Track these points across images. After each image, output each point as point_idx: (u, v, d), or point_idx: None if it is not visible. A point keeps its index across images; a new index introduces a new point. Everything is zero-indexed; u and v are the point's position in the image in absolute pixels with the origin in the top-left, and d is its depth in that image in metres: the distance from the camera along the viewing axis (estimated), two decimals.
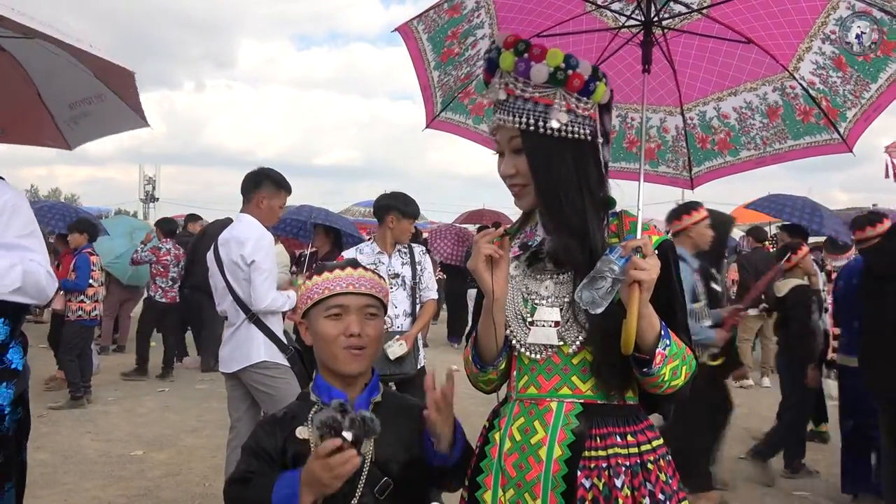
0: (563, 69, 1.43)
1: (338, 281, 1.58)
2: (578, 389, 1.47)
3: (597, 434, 1.44)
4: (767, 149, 2.25)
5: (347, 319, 1.56)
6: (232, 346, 3.42)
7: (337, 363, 1.56)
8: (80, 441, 5.34)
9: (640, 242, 1.36)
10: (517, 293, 1.52)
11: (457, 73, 2.13)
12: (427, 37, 1.99)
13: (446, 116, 2.27)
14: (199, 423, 5.82)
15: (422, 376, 3.81)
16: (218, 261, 3.45)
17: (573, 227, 1.45)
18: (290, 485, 1.42)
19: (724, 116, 2.25)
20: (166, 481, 4.47)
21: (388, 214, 3.87)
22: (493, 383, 1.61)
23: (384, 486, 1.51)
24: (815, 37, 1.92)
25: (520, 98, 1.45)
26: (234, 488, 1.55)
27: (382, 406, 1.60)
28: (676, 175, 2.47)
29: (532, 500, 1.43)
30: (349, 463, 1.33)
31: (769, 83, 2.12)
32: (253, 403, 3.50)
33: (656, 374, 1.39)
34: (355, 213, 12.10)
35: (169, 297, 7.83)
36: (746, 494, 4.48)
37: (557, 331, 1.47)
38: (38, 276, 2.11)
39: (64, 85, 3.08)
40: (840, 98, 2.02)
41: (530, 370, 1.51)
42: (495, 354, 1.53)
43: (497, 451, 1.50)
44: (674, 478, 1.49)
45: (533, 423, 1.47)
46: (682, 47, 2.11)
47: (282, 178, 3.54)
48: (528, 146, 1.46)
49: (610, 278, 1.32)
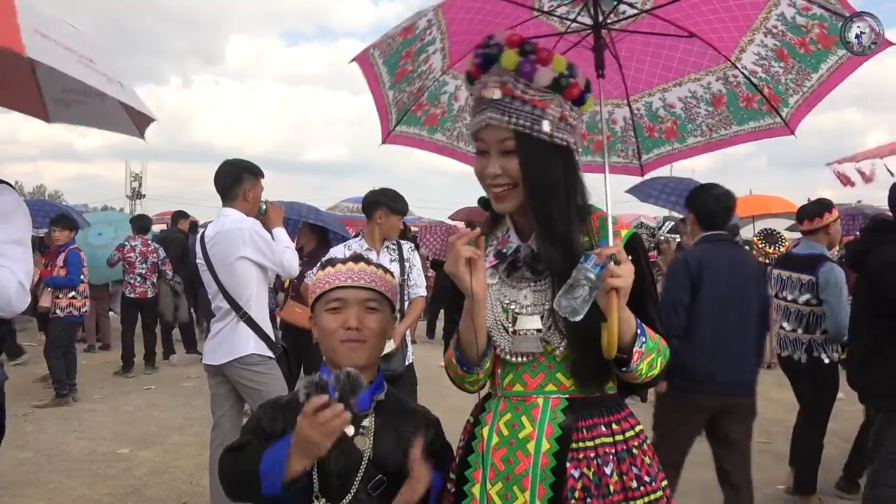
0: (566, 76, 1.45)
1: (338, 275, 1.61)
2: (563, 385, 1.51)
3: (583, 426, 1.48)
4: (713, 135, 2.34)
5: (347, 313, 1.58)
6: (219, 339, 3.40)
7: (336, 356, 1.58)
8: (66, 439, 5.30)
9: (613, 250, 1.37)
10: (496, 302, 1.53)
11: (410, 88, 2.14)
12: (382, 61, 2.00)
13: (401, 130, 2.28)
14: (185, 421, 5.80)
15: (410, 373, 3.81)
16: (206, 259, 3.43)
17: (558, 232, 1.47)
18: (278, 450, 1.42)
19: (670, 106, 2.33)
20: (153, 479, 4.45)
21: (377, 211, 3.87)
22: (480, 383, 1.62)
23: (378, 484, 1.52)
24: (757, 30, 1.99)
25: (517, 99, 1.43)
26: (227, 457, 1.57)
27: (385, 406, 1.61)
28: (627, 163, 2.55)
29: (520, 492, 1.46)
30: (338, 418, 1.33)
31: (712, 73, 2.20)
32: (237, 401, 3.49)
33: (634, 370, 1.45)
34: (343, 210, 12.05)
35: (138, 293, 7.89)
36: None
37: (540, 338, 1.49)
38: (5, 286, 2.02)
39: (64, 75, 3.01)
40: (782, 86, 2.11)
41: (515, 368, 1.53)
42: (479, 356, 1.53)
43: (484, 446, 1.52)
44: (654, 459, 1.56)
45: (520, 419, 1.51)
46: (626, 42, 2.16)
47: (255, 166, 3.56)
48: (521, 148, 1.44)
49: (587, 287, 1.34)
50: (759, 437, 5.60)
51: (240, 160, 3.57)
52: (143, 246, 7.93)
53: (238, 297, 3.35)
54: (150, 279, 7.92)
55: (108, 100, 3.10)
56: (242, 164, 3.53)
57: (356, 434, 1.55)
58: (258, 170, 3.56)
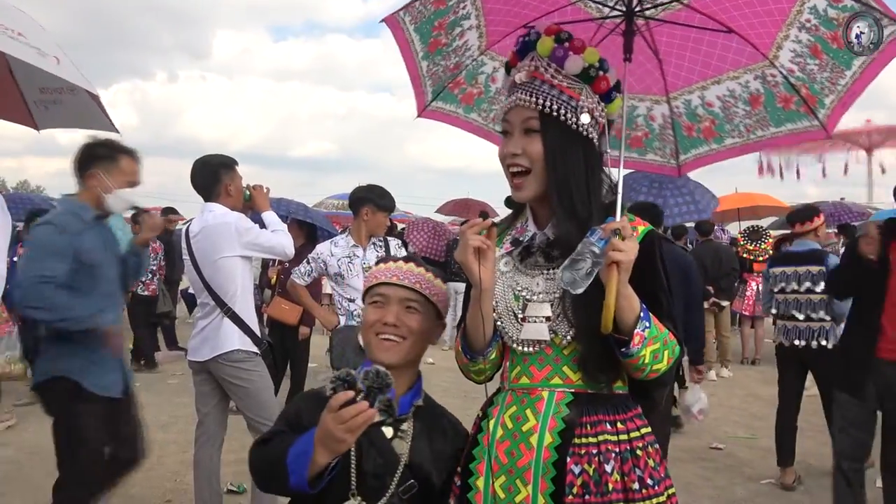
0: (595, 68, 1.48)
1: (385, 271, 1.64)
2: (569, 379, 1.50)
3: (587, 422, 1.47)
4: (751, 136, 2.29)
5: (387, 309, 1.59)
6: (204, 335, 3.37)
7: (371, 349, 1.60)
8: (48, 437, 5.19)
9: (618, 224, 1.38)
10: (508, 289, 1.54)
11: (446, 63, 2.15)
12: (414, 27, 2.01)
13: (437, 106, 2.30)
14: (169, 419, 5.75)
15: None
16: (191, 254, 3.39)
17: (579, 215, 1.48)
18: (305, 442, 1.41)
19: (708, 105, 2.28)
20: (136, 477, 4.36)
21: (363, 207, 3.85)
22: (484, 373, 1.63)
23: (409, 488, 1.52)
24: (791, 25, 1.96)
25: (546, 83, 1.48)
26: (256, 449, 1.57)
27: (422, 413, 1.62)
28: (664, 163, 2.50)
29: (523, 485, 1.46)
30: (361, 415, 1.31)
31: (750, 72, 2.15)
32: (222, 398, 3.46)
33: (635, 355, 1.41)
34: (328, 206, 12.01)
35: (150, 290, 7.87)
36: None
37: (549, 326, 1.49)
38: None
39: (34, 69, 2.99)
40: (818, 85, 2.06)
41: (522, 361, 1.53)
42: (484, 345, 1.55)
43: (489, 439, 1.52)
44: (661, 465, 1.52)
45: (525, 412, 1.50)
46: (665, 37, 2.13)
47: (229, 158, 3.52)
48: (545, 129, 1.47)
49: (590, 259, 1.35)
50: (743, 432, 5.67)
51: (211, 156, 3.51)
52: (152, 242, 7.89)
53: (223, 293, 3.32)
54: (157, 275, 7.94)
55: (79, 94, 3.08)
56: (215, 160, 3.48)
57: (395, 437, 1.54)
58: (232, 161, 3.51)
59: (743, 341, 8.87)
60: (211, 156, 3.52)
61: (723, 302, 7.78)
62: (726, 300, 7.88)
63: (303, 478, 1.39)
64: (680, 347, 1.50)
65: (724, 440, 5.46)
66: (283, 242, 3.47)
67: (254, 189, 3.56)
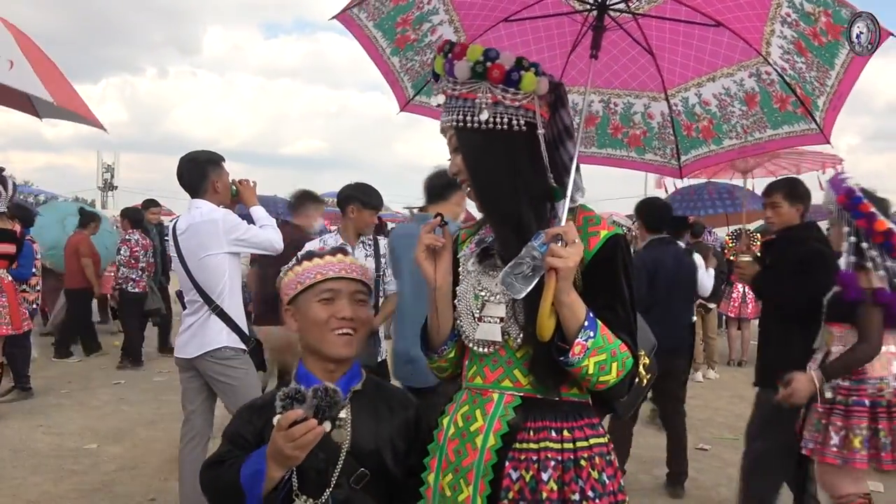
0: (481, 62, 1.46)
1: (329, 266, 1.63)
2: (519, 383, 1.50)
3: (531, 427, 1.47)
4: (748, 137, 2.25)
5: (339, 304, 1.60)
6: (191, 332, 3.35)
7: (326, 346, 1.59)
8: (32, 435, 5.19)
9: (561, 230, 1.36)
10: (470, 289, 1.55)
11: (421, 58, 2.14)
12: (373, 24, 2.00)
13: (420, 100, 2.30)
14: (155, 416, 5.71)
15: (382, 370, 3.79)
16: (178, 251, 3.37)
17: (508, 217, 1.48)
18: (257, 461, 1.44)
19: (705, 103, 2.26)
20: (121, 475, 4.38)
21: (350, 205, 3.84)
22: (445, 370, 1.67)
23: (360, 477, 1.53)
24: (774, 19, 1.94)
25: (452, 97, 1.50)
26: (207, 472, 1.59)
27: (362, 394, 1.63)
28: (665, 163, 2.45)
29: (465, 485, 1.47)
30: (310, 433, 1.34)
31: (745, 69, 2.13)
32: (208, 396, 3.43)
33: (576, 364, 1.37)
34: None
35: (140, 287, 7.81)
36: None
37: (501, 327, 1.49)
38: None
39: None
40: (809, 85, 2.02)
41: (479, 360, 1.55)
42: (440, 343, 1.59)
43: (443, 436, 1.55)
44: (613, 479, 1.48)
45: (475, 412, 1.52)
46: (655, 31, 2.11)
47: (216, 154, 3.49)
48: (460, 142, 1.51)
49: (530, 264, 1.35)
50: (728, 433, 5.70)
51: (198, 153, 3.49)
52: (142, 239, 7.87)
53: (210, 290, 3.30)
54: (148, 272, 7.85)
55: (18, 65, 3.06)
56: (202, 156, 3.46)
57: (333, 428, 1.53)
58: (219, 157, 3.49)
59: (730, 343, 8.92)
60: (198, 152, 3.50)
61: (710, 304, 7.82)
62: (713, 302, 7.92)
63: (258, 496, 1.42)
64: (633, 360, 1.44)
65: (709, 441, 5.50)
66: (271, 237, 3.45)
67: (240, 184, 3.55)
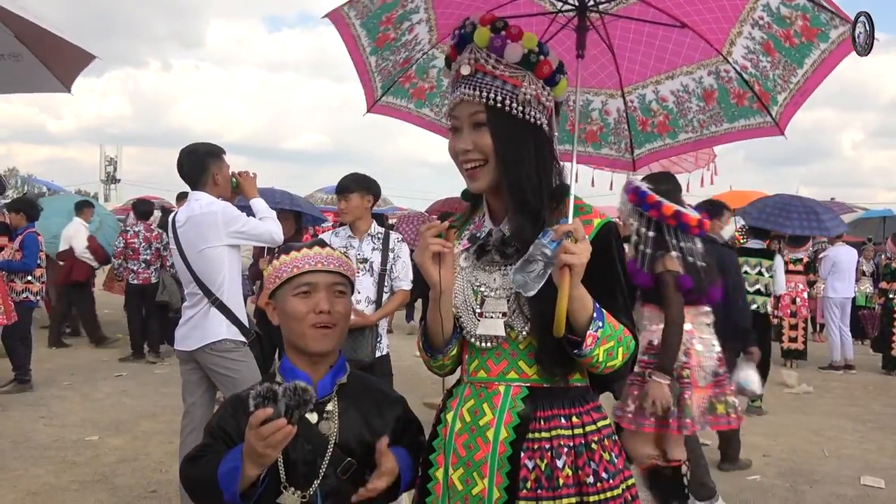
0: (535, 53, 1.45)
1: (306, 259, 1.59)
2: (525, 374, 1.51)
3: (541, 416, 1.48)
4: (704, 131, 2.31)
5: (317, 297, 1.57)
6: (191, 324, 3.35)
7: (305, 341, 1.56)
8: (33, 426, 5.20)
9: (570, 227, 1.36)
10: (467, 284, 1.55)
11: (395, 57, 2.13)
12: (360, 22, 1.99)
13: (387, 101, 2.28)
14: (156, 409, 5.73)
15: (383, 364, 3.76)
16: (178, 244, 3.37)
17: (530, 206, 1.47)
18: (234, 458, 1.44)
19: (662, 100, 2.31)
20: (122, 467, 4.39)
21: (340, 194, 3.81)
22: (446, 368, 1.66)
23: (347, 467, 1.53)
24: (744, 22, 1.97)
25: (488, 74, 1.45)
26: (186, 466, 1.58)
27: (347, 388, 1.62)
28: (618, 157, 2.52)
29: (479, 479, 1.48)
30: (280, 432, 1.33)
31: (704, 67, 2.17)
32: (209, 388, 3.43)
33: (588, 355, 1.41)
34: (317, 201, 11.95)
35: (142, 279, 7.79)
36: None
37: (505, 321, 1.50)
38: None
39: None
40: (770, 83, 2.08)
41: (480, 354, 1.55)
42: (443, 343, 1.57)
43: (448, 432, 1.54)
44: (620, 456, 1.53)
45: (482, 406, 1.52)
46: (619, 31, 2.13)
47: (216, 147, 3.49)
48: (493, 122, 1.46)
49: (541, 262, 1.35)
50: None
51: (198, 145, 3.49)
52: (146, 231, 7.85)
53: (210, 282, 3.29)
54: (154, 265, 7.82)
55: (25, 60, 3.08)
56: (202, 148, 3.46)
57: (320, 420, 1.55)
58: (220, 149, 3.49)
59: None
60: (198, 144, 3.49)
61: None
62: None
63: (235, 493, 1.42)
64: (635, 342, 1.49)
65: (709, 436, 5.49)
66: (271, 229, 3.45)
67: (240, 176, 3.54)
